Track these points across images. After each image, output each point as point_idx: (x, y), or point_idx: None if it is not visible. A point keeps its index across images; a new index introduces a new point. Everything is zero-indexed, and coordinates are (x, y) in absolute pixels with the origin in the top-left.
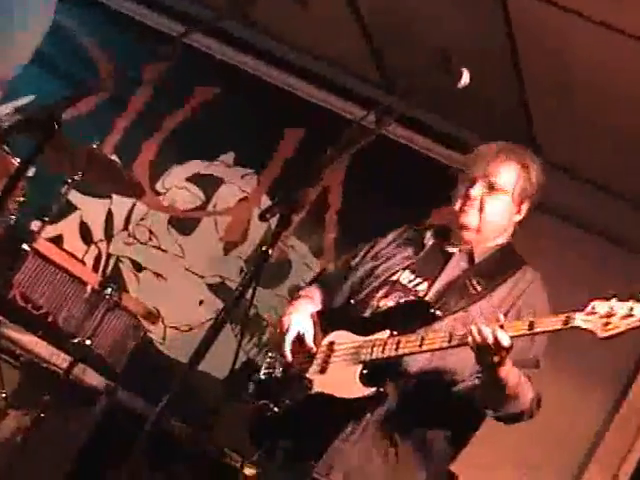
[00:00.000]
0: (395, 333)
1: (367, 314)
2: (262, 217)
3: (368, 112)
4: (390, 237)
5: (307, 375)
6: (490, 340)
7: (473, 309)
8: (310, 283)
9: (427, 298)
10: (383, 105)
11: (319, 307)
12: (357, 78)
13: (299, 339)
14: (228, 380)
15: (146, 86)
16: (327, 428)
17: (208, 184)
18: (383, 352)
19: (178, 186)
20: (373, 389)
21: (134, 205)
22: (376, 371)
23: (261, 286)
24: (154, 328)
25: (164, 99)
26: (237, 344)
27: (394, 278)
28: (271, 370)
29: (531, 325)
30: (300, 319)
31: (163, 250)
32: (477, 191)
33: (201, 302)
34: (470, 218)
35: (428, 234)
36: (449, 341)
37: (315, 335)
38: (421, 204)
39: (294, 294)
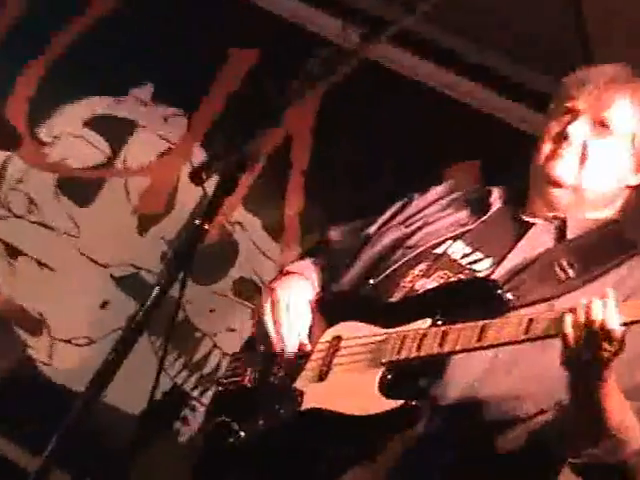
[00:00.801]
0: (440, 322)
1: (395, 298)
2: (194, 178)
3: (347, 26)
4: (432, 194)
5: (295, 385)
6: (598, 318)
7: (560, 302)
8: (302, 257)
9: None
10: (372, 16)
11: (316, 290)
12: None
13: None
14: (145, 417)
15: None
16: (324, 463)
17: (115, 130)
18: (420, 349)
19: (71, 133)
20: (400, 401)
21: (6, 161)
22: (407, 377)
23: (193, 280)
24: (36, 341)
25: (45, 11)
26: (158, 364)
27: (438, 250)
28: (237, 378)
29: None
30: (292, 300)
31: (49, 227)
32: (580, 129)
33: (105, 303)
34: (565, 168)
35: (495, 193)
36: (526, 330)
37: (311, 328)
38: (429, 158)
39: (279, 271)
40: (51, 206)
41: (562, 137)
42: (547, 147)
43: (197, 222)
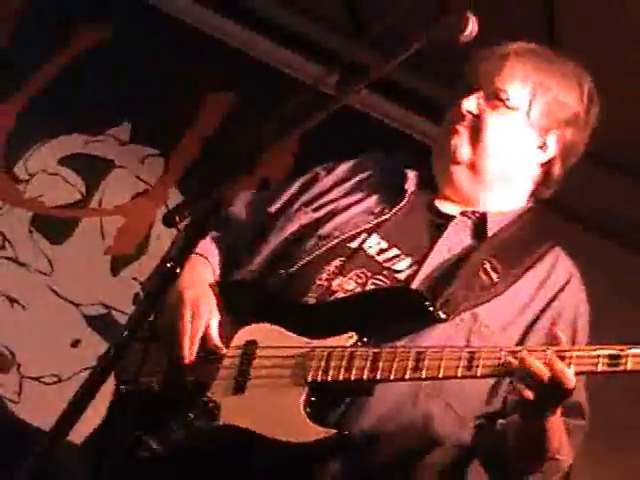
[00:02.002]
0: (365, 340)
1: (312, 299)
2: (168, 220)
3: (329, 70)
4: (339, 172)
5: (210, 394)
6: (547, 381)
7: (484, 310)
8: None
9: (415, 284)
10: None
11: (217, 274)
12: (316, 22)
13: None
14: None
15: (5, 20)
16: None
17: (91, 169)
18: (349, 371)
19: (47, 171)
20: (332, 431)
21: None
22: (332, 399)
23: None
24: (4, 379)
25: (31, 42)
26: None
27: (353, 244)
28: (143, 378)
29: (615, 360)
30: (198, 293)
31: (21, 263)
32: (474, 103)
33: (76, 342)
34: (460, 143)
35: (410, 177)
36: (468, 367)
37: (220, 325)
38: None
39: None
40: (24, 243)
41: (458, 113)
42: (448, 125)
43: (169, 264)
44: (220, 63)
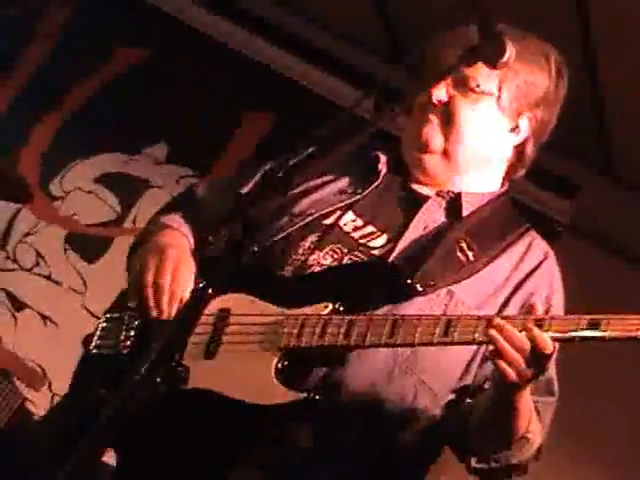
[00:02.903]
0: (341, 309)
1: (287, 272)
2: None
3: (366, 94)
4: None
5: (180, 359)
6: (527, 347)
7: (460, 288)
8: (170, 209)
9: (391, 261)
10: (388, 86)
11: (192, 249)
12: (355, 45)
13: (173, 291)
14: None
15: (42, 39)
16: (211, 455)
17: (127, 189)
18: (322, 337)
19: (83, 189)
20: (301, 394)
21: (17, 213)
22: (305, 365)
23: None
24: (36, 396)
25: (68, 62)
26: None
27: (328, 221)
28: (110, 340)
29: (595, 322)
30: (180, 258)
31: (55, 281)
32: (443, 91)
33: None
34: (432, 132)
35: (382, 159)
36: (444, 333)
37: None
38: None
39: (152, 220)
40: (59, 261)
41: (428, 102)
42: (414, 114)
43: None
44: (258, 85)
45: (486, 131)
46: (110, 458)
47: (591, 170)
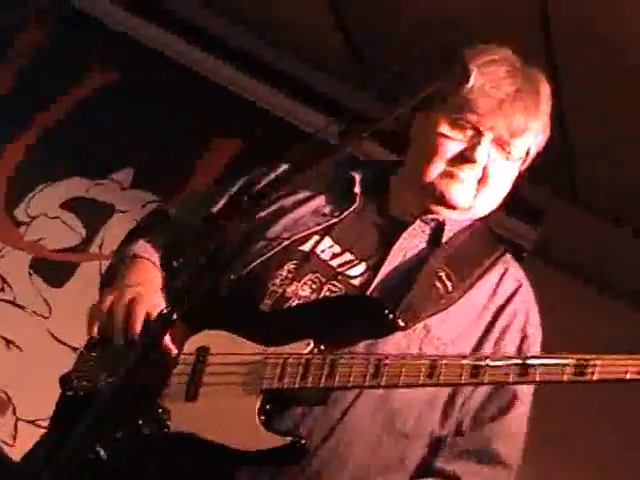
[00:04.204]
0: (322, 347)
1: (266, 306)
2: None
3: (333, 120)
4: (282, 172)
5: (161, 401)
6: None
7: (434, 321)
8: (140, 234)
9: (371, 291)
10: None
11: (162, 275)
12: (323, 72)
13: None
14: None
15: (12, 62)
16: None
17: (92, 213)
18: (305, 378)
19: (48, 215)
20: (287, 438)
21: None
22: (287, 407)
23: None
24: (1, 421)
25: (34, 86)
26: None
27: (305, 248)
28: (88, 382)
29: (583, 363)
30: (152, 295)
31: (19, 306)
32: (485, 152)
33: None
34: (464, 193)
35: (357, 180)
36: (429, 375)
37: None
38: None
39: (121, 247)
40: (24, 286)
41: (464, 158)
42: (439, 160)
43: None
44: (225, 111)
45: (507, 190)
46: None
47: (556, 196)
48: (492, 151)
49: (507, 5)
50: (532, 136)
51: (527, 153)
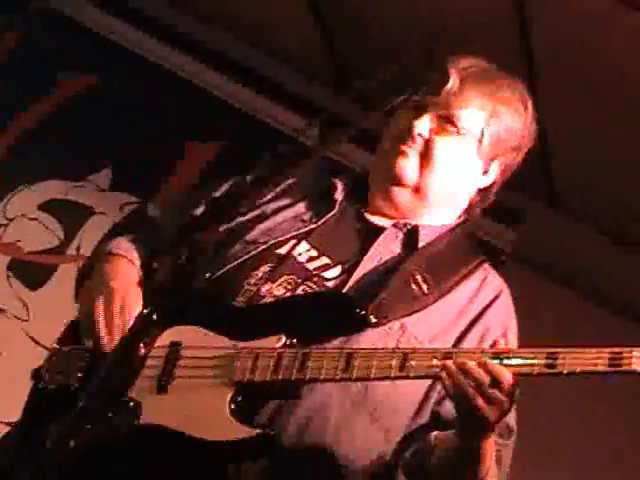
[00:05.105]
0: (294, 341)
1: (239, 303)
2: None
3: (310, 122)
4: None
5: (132, 393)
6: (486, 381)
7: (411, 320)
8: (120, 232)
9: (346, 291)
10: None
11: (140, 276)
12: (300, 74)
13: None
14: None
15: None
16: None
17: (70, 215)
18: (276, 371)
19: (26, 216)
20: (257, 430)
21: None
22: (259, 400)
23: None
24: None
25: (13, 87)
26: None
27: (282, 251)
28: (60, 375)
29: (553, 356)
30: (127, 297)
31: None
32: (426, 125)
33: None
34: (408, 167)
35: (339, 186)
36: (400, 367)
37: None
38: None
39: (99, 246)
40: (1, 288)
41: (406, 133)
42: (389, 142)
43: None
44: (203, 112)
45: (460, 171)
46: None
47: (535, 199)
48: (436, 125)
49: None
50: (483, 115)
51: (481, 134)
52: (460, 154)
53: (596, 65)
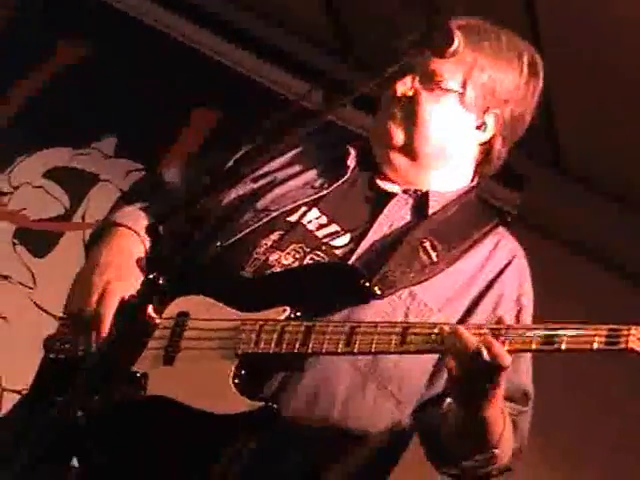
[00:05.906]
0: (299, 314)
1: (248, 273)
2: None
3: (313, 87)
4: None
5: (139, 365)
6: (485, 357)
7: (421, 288)
8: (129, 200)
9: (353, 261)
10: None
11: (147, 246)
12: (302, 39)
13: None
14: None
15: None
16: (168, 461)
17: (75, 183)
18: (280, 344)
19: (31, 184)
20: (259, 403)
21: None
22: (263, 372)
23: None
24: None
25: (13, 55)
26: None
27: (292, 218)
28: (68, 345)
29: (550, 340)
30: (130, 271)
31: (3, 276)
32: (407, 85)
33: None
34: (394, 126)
35: (352, 153)
36: (401, 342)
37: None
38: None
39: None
40: (7, 256)
41: (393, 96)
42: (381, 108)
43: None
44: (206, 79)
45: (449, 127)
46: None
47: (539, 162)
48: (419, 86)
49: None
50: (463, 67)
51: (463, 85)
52: (444, 108)
53: (601, 32)
